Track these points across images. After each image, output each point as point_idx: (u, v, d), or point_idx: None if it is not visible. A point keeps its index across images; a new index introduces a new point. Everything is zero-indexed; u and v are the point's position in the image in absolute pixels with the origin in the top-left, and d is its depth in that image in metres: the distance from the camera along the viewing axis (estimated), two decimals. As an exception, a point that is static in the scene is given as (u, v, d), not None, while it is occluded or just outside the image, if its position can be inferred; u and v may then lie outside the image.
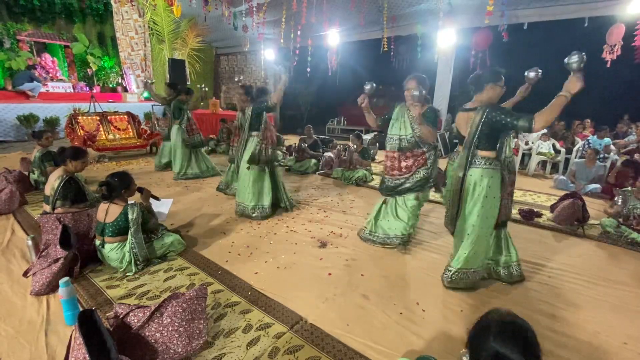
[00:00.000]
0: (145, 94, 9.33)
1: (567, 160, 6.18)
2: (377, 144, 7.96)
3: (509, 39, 5.74)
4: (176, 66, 8.36)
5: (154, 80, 6.79)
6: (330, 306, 2.14)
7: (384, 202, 3.09)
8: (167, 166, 5.64)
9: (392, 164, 2.90)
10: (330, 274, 2.52)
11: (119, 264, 2.44)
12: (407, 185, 2.86)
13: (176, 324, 1.65)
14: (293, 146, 6.59)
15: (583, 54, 1.79)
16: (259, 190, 3.61)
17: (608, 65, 5.65)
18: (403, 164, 2.85)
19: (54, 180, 2.82)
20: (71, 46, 9.95)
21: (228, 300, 2.15)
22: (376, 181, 5.37)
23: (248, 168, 3.53)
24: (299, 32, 7.78)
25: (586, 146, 6.03)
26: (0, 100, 7.77)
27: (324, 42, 8.36)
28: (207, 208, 3.91)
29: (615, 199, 3.57)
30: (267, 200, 3.63)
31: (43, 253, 2.36)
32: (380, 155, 7.39)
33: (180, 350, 1.62)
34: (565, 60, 1.84)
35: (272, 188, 3.68)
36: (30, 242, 2.48)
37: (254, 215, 3.58)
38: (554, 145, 6.38)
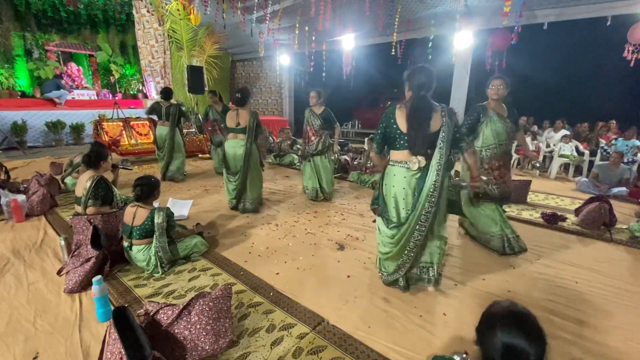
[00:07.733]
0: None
1: (591, 163, 5.99)
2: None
3: (528, 39, 5.63)
4: (194, 73, 8.54)
5: None
6: (351, 308, 2.15)
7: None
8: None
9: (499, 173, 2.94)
10: (349, 277, 2.53)
11: (146, 265, 2.53)
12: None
13: (203, 322, 1.69)
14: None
15: None
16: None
17: (632, 64, 5.48)
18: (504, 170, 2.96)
19: (85, 181, 2.94)
20: (95, 55, 10.41)
21: (251, 301, 2.19)
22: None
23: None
24: (313, 38, 7.87)
25: (604, 152, 5.87)
26: (29, 107, 8.17)
27: (339, 47, 8.42)
28: (226, 210, 3.99)
29: None
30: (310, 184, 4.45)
31: (75, 253, 2.48)
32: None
33: (207, 347, 1.66)
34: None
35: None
36: (63, 242, 2.60)
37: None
38: (576, 148, 6.20)
